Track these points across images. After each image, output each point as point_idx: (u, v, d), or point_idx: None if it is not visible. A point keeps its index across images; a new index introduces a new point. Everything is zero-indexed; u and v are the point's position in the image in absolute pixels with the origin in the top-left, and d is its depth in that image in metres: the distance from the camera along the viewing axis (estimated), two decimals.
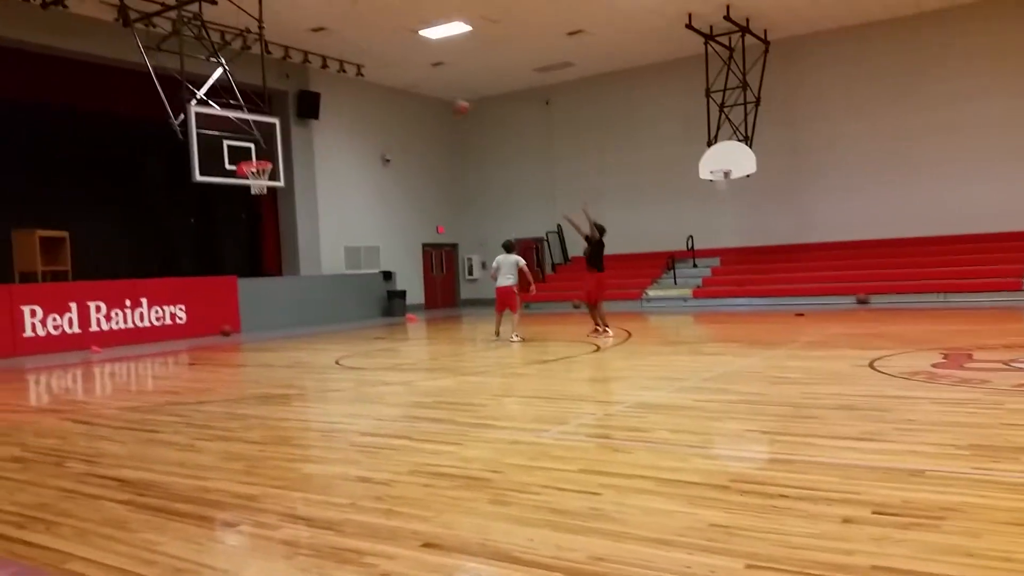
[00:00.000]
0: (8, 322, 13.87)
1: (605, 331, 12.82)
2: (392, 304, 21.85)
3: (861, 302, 17.69)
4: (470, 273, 26.31)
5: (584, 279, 13.41)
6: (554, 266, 24.27)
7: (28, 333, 14.12)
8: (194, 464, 5.14)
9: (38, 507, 4.25)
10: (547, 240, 24.58)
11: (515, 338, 12.52)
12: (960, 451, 4.50)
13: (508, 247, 13.04)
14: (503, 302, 12.86)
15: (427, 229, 25.18)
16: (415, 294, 24.01)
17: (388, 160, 23.50)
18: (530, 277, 12.76)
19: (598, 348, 11.18)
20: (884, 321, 13.41)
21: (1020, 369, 7.41)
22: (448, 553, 3.27)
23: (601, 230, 13.01)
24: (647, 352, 10.74)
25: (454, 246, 26.39)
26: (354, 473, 4.71)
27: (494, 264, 12.90)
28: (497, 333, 13.06)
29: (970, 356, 8.46)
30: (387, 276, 22.53)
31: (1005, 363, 7.81)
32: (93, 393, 9.50)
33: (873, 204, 19.59)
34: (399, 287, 22.62)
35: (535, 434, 5.54)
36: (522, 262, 12.69)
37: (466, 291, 26.53)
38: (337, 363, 10.93)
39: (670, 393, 7.11)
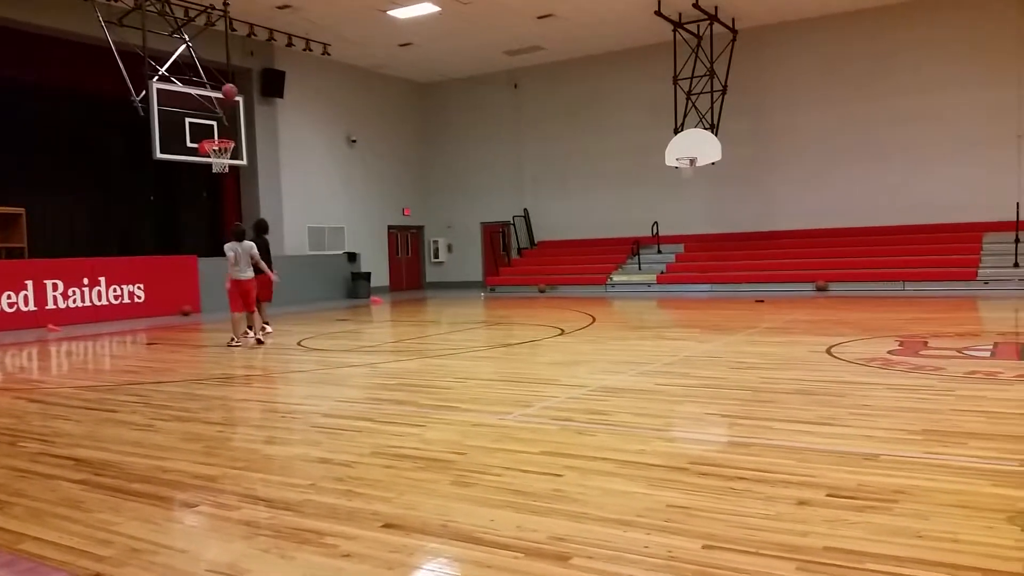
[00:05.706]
0: None
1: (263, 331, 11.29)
2: (356, 286, 21.71)
3: (820, 289, 17.97)
4: (436, 256, 26.22)
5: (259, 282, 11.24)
6: (520, 250, 24.26)
7: None
8: (152, 444, 5.08)
9: None
10: (514, 224, 24.56)
11: (261, 334, 11.09)
12: (912, 436, 4.60)
13: (239, 234, 10.83)
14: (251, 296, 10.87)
15: (393, 211, 25.03)
16: (380, 276, 23.86)
17: (354, 141, 23.28)
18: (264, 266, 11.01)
19: (562, 332, 11.23)
20: (842, 308, 13.63)
21: (972, 357, 7.59)
22: (409, 534, 3.27)
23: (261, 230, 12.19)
24: (610, 337, 10.80)
25: (420, 228, 26.27)
26: (315, 454, 4.69)
27: (231, 253, 10.63)
28: (244, 334, 11.02)
29: (925, 344, 8.65)
30: (351, 257, 22.37)
31: (958, 351, 7.99)
32: (49, 372, 9.33)
33: (834, 193, 19.86)
34: (364, 269, 22.46)
35: (498, 416, 5.56)
36: (255, 250, 10.82)
37: (431, 274, 26.45)
38: (299, 344, 10.84)
39: (632, 377, 7.16)
